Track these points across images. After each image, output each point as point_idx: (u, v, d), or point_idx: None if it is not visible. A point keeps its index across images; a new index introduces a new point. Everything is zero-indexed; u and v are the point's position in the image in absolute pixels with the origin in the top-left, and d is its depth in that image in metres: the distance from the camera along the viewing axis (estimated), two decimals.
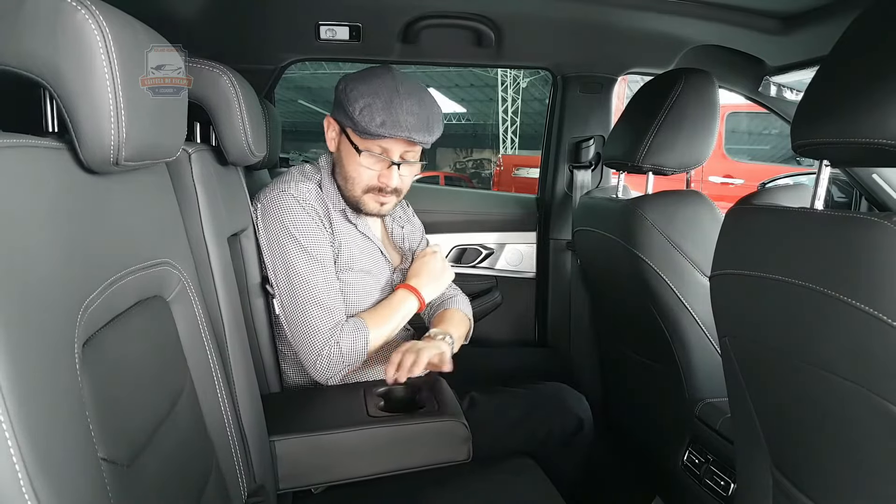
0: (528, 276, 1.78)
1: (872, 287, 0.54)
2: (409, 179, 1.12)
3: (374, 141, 1.03)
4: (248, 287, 1.04)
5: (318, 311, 1.02)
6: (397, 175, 1.07)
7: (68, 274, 0.48)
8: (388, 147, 1.05)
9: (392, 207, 1.14)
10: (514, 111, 14.82)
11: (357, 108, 1.01)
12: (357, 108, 1.01)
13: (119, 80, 0.52)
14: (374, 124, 1.00)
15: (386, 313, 1.11)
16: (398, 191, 1.10)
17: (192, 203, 0.80)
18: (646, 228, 1.11)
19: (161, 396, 0.64)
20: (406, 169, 1.09)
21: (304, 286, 1.03)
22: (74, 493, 0.43)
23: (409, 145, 1.06)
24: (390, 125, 1.00)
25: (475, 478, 1.07)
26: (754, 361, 0.75)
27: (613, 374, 1.54)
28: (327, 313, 1.02)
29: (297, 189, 1.07)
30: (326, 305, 1.03)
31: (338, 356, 1.02)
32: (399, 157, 1.06)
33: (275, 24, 1.48)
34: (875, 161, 0.60)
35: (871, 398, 0.56)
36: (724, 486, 1.03)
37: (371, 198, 1.09)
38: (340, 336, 1.03)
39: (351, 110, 1.02)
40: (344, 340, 1.03)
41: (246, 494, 0.82)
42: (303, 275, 1.03)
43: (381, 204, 1.11)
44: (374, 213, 1.12)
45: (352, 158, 1.07)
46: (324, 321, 1.02)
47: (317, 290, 1.03)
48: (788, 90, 1.54)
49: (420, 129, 1.02)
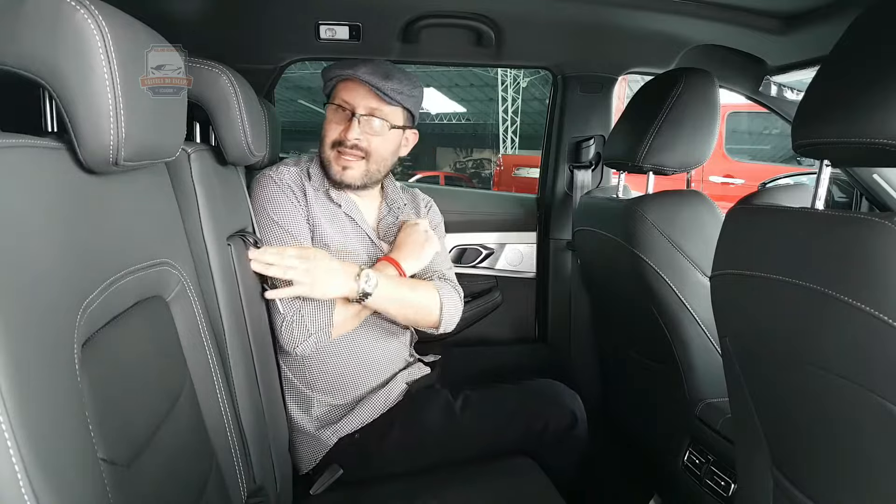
0: (528, 276, 1.77)
1: (873, 287, 0.54)
2: (378, 145, 1.12)
3: (338, 89, 1.11)
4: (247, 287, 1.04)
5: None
6: (357, 129, 1.09)
7: (67, 274, 0.48)
8: (349, 99, 1.09)
9: (357, 177, 1.12)
10: (514, 111, 14.81)
11: (326, 69, 1.12)
12: (325, 68, 1.12)
13: (118, 80, 0.52)
14: (332, 70, 1.10)
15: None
16: (361, 150, 1.10)
17: (191, 203, 0.80)
18: (646, 228, 1.11)
19: (161, 397, 0.64)
20: (372, 128, 1.10)
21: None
22: (74, 493, 0.43)
23: (374, 100, 1.09)
24: (343, 69, 1.09)
25: (475, 477, 1.07)
26: (755, 361, 0.75)
27: (614, 375, 1.54)
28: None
29: (277, 170, 1.12)
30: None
31: (299, 324, 1.02)
32: (364, 111, 1.09)
33: (274, 24, 1.48)
34: (876, 161, 0.60)
35: (872, 398, 0.56)
36: (725, 486, 1.03)
37: (335, 157, 1.11)
38: (303, 304, 1.03)
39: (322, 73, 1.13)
40: (307, 309, 1.03)
41: (246, 495, 0.82)
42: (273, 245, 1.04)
43: (344, 168, 1.11)
44: (337, 180, 1.12)
45: (325, 119, 1.14)
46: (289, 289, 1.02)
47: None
48: (789, 90, 1.54)
49: (374, 74, 1.07)
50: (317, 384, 1.11)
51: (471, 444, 1.13)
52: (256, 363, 0.94)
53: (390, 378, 1.17)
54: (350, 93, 1.10)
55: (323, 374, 1.12)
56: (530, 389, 1.21)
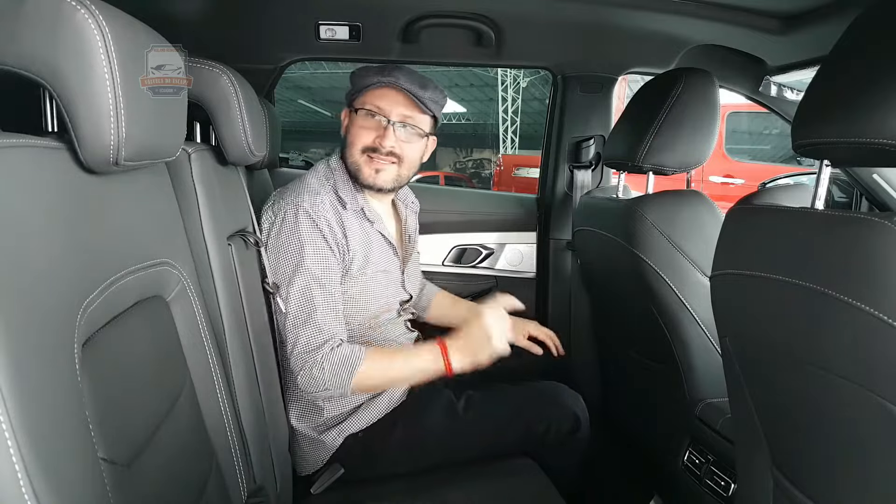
0: (528, 276, 1.77)
1: (873, 287, 0.54)
2: (411, 152, 1.12)
3: (368, 95, 1.09)
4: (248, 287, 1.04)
5: (311, 329, 1.01)
6: (393, 136, 1.08)
7: (68, 274, 0.48)
8: (383, 106, 1.08)
9: (390, 181, 1.12)
10: (514, 111, 14.81)
11: (356, 73, 1.11)
12: (357, 73, 1.11)
13: (119, 80, 0.52)
14: (367, 76, 1.09)
15: (395, 354, 1.07)
16: (396, 157, 1.10)
17: (191, 203, 0.80)
18: (646, 228, 1.11)
19: (161, 396, 0.64)
20: (405, 135, 1.10)
21: (304, 302, 1.02)
22: (74, 493, 0.43)
23: (408, 108, 1.08)
24: (379, 74, 1.08)
25: (475, 477, 1.07)
26: (755, 361, 0.75)
27: (614, 375, 1.54)
28: (318, 332, 1.01)
29: (312, 202, 1.06)
30: (319, 325, 1.01)
31: (319, 375, 0.99)
32: (397, 118, 1.09)
33: (274, 24, 1.48)
34: (875, 161, 0.60)
35: (872, 398, 0.56)
36: (725, 486, 1.03)
37: (367, 161, 1.10)
38: (328, 357, 1.00)
39: (353, 78, 1.11)
40: (328, 363, 0.99)
41: (246, 495, 0.82)
42: (303, 291, 1.03)
43: (377, 171, 1.10)
44: (369, 183, 1.11)
45: (352, 123, 1.12)
46: (314, 339, 1.01)
47: (313, 309, 1.02)
48: (789, 90, 1.54)
49: (412, 83, 1.07)
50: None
51: (473, 444, 1.13)
52: (256, 363, 0.94)
53: None
54: (384, 99, 1.08)
55: None
56: (533, 391, 1.21)
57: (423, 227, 1.71)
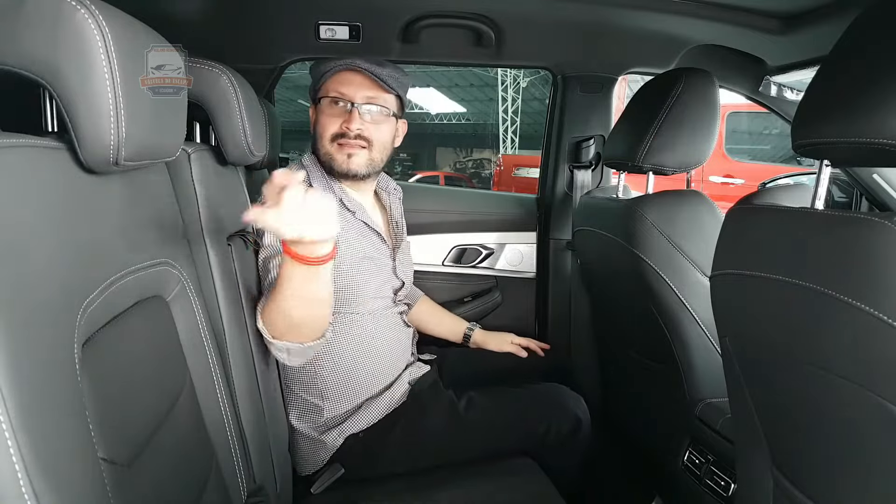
0: (528, 276, 1.77)
1: (873, 287, 0.54)
2: (380, 135, 1.13)
3: (331, 82, 1.10)
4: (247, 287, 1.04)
5: None
6: (359, 118, 1.09)
7: (68, 274, 0.48)
8: (345, 91, 1.09)
9: (363, 165, 1.12)
10: (514, 111, 14.81)
11: (314, 65, 1.12)
12: (314, 64, 1.13)
13: (119, 80, 0.52)
14: (325, 63, 1.10)
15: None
16: (365, 140, 1.11)
17: (191, 203, 0.80)
18: (646, 228, 1.11)
19: (160, 396, 0.64)
20: (371, 117, 1.11)
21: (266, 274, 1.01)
22: (74, 493, 0.43)
23: (370, 89, 1.09)
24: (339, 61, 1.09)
25: (475, 477, 1.07)
26: (755, 361, 0.75)
27: (614, 375, 1.54)
28: None
29: None
30: None
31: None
32: (362, 100, 1.09)
33: (274, 24, 1.48)
34: (875, 161, 0.60)
35: (871, 398, 0.56)
36: (725, 486, 1.03)
37: (338, 149, 1.11)
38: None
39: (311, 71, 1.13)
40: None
41: (245, 495, 0.82)
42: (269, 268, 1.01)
43: (349, 156, 1.11)
44: (343, 170, 1.12)
45: (319, 115, 1.12)
46: None
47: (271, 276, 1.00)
48: (789, 90, 1.54)
49: (369, 63, 1.08)
50: (327, 392, 1.11)
51: (473, 445, 1.13)
52: (256, 363, 0.94)
53: (395, 379, 1.17)
54: (346, 84, 1.10)
55: (334, 383, 1.11)
56: (535, 393, 1.21)
57: (424, 227, 1.72)
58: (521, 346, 1.42)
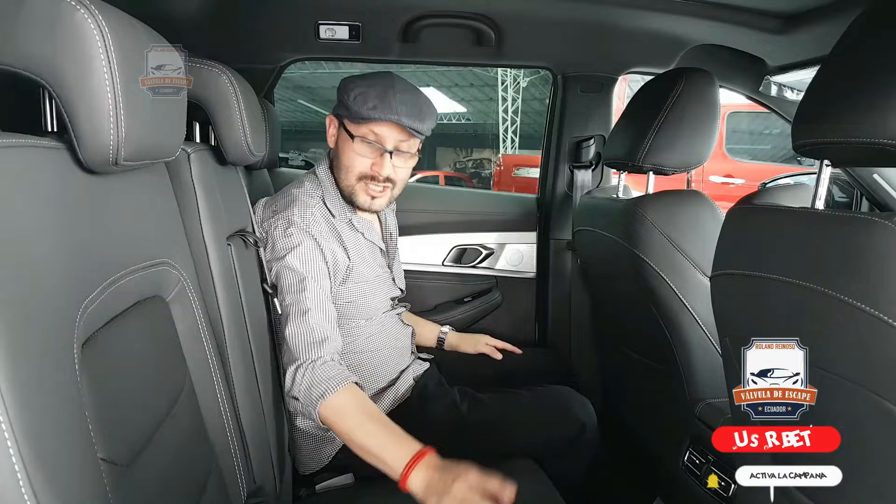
0: (528, 276, 1.77)
1: (873, 287, 0.54)
2: (404, 174, 1.13)
3: (368, 125, 1.07)
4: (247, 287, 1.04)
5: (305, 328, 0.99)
6: (390, 164, 1.09)
7: (67, 274, 0.48)
8: (381, 134, 1.07)
9: (384, 204, 1.14)
10: (514, 111, 14.81)
11: (352, 96, 1.06)
12: (352, 95, 1.06)
13: (118, 80, 0.52)
14: (366, 107, 1.04)
15: (374, 413, 0.95)
16: (391, 182, 1.11)
17: (191, 203, 0.80)
18: (646, 228, 1.11)
19: (160, 397, 0.64)
20: (400, 161, 1.11)
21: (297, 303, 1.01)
22: (74, 493, 0.43)
23: (402, 134, 1.07)
24: (382, 109, 1.04)
25: None
26: None
27: (614, 375, 1.54)
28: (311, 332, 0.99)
29: (303, 215, 1.07)
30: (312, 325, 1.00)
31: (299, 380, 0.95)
32: (392, 146, 1.08)
33: (274, 24, 1.48)
34: (876, 161, 0.60)
35: (871, 398, 0.56)
36: (725, 486, 1.03)
37: (363, 188, 1.11)
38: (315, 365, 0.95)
39: (347, 98, 1.06)
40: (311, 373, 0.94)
41: (245, 495, 0.82)
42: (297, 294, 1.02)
43: (373, 197, 1.11)
44: (364, 208, 1.13)
45: (347, 147, 1.10)
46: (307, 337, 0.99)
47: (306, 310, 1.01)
48: (789, 90, 1.54)
49: (411, 115, 1.05)
50: None
51: (475, 446, 1.13)
52: (256, 363, 0.94)
53: (398, 375, 1.18)
54: (383, 129, 1.07)
55: None
56: (540, 395, 1.20)
57: (423, 228, 1.72)
58: (495, 348, 1.39)
